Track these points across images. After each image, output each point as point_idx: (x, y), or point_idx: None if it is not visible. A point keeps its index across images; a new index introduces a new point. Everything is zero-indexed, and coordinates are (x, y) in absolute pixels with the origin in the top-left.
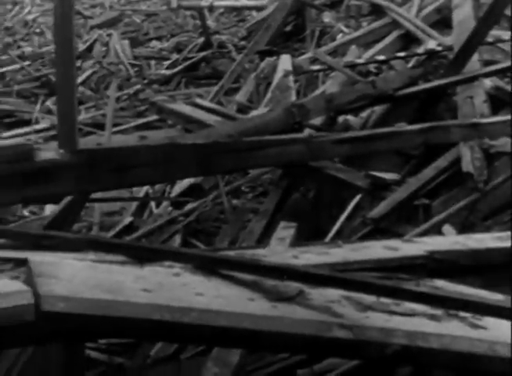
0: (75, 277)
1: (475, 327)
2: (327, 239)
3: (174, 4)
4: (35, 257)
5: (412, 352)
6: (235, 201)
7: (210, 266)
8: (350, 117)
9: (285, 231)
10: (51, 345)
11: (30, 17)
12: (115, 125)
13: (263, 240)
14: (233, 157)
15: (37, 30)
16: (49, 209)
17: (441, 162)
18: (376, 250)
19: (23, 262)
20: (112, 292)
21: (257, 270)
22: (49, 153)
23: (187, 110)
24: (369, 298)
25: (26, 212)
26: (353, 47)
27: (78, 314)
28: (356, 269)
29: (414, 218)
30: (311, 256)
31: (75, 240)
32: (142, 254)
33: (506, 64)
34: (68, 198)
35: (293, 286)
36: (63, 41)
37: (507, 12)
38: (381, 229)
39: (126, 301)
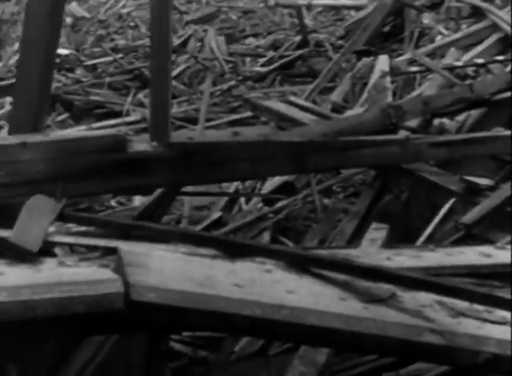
0: (166, 269)
1: None
2: (418, 242)
3: (271, 1)
4: (125, 246)
5: (503, 362)
6: (326, 201)
7: (302, 264)
8: (445, 121)
9: (376, 232)
10: (135, 335)
11: (124, 11)
12: (208, 120)
13: (353, 240)
14: (327, 157)
15: (132, 24)
16: (138, 200)
17: None
18: (469, 255)
19: (113, 251)
20: (203, 285)
21: (350, 270)
22: (141, 144)
23: (281, 107)
24: (462, 304)
25: (113, 203)
26: (452, 49)
27: (168, 305)
28: (449, 274)
29: (506, 225)
30: (404, 259)
31: (166, 232)
32: (234, 250)
33: None
34: (159, 190)
35: (386, 288)
36: (160, 34)
37: None
38: (473, 235)
39: (217, 294)
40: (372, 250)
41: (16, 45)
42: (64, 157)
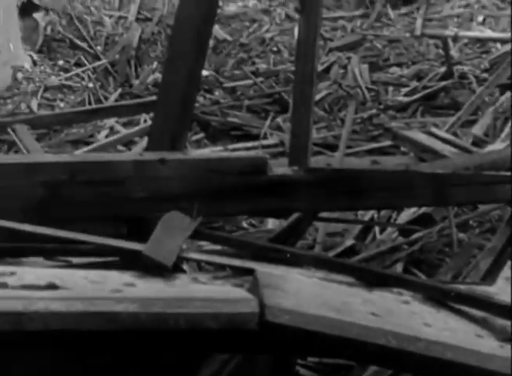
0: (302, 292)
1: None
2: None
3: (418, 31)
4: (260, 267)
5: None
6: (461, 235)
7: (440, 298)
8: None
9: None
10: (261, 356)
11: (267, 35)
12: (347, 147)
13: (488, 277)
14: (469, 190)
15: (274, 49)
16: (271, 223)
17: None
18: None
19: (245, 271)
20: (339, 312)
21: (487, 307)
22: (281, 168)
23: (422, 138)
24: None
25: (245, 224)
26: None
27: (303, 329)
28: None
29: None
30: None
31: (303, 256)
32: (371, 278)
33: None
34: (295, 214)
35: None
36: (305, 61)
37: None
38: None
39: (353, 322)
40: (509, 288)
41: (154, 64)
42: (202, 176)
